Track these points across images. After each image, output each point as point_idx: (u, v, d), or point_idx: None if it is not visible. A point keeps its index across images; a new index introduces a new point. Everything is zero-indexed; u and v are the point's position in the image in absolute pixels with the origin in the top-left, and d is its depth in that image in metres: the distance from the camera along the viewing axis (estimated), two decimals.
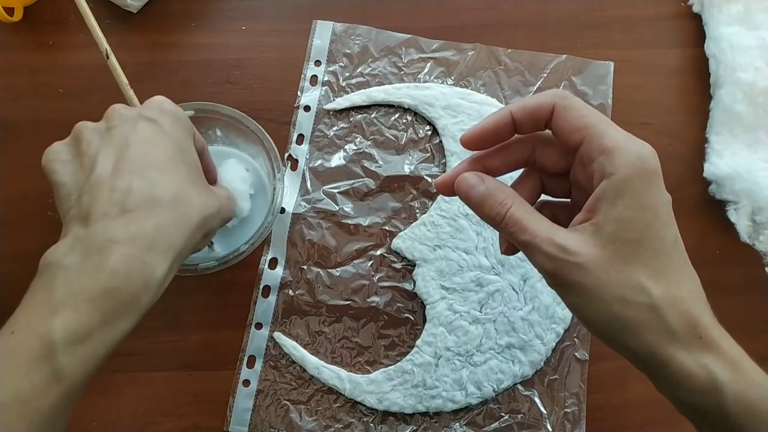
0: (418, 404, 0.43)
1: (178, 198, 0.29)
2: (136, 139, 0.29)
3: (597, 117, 0.26)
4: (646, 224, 0.25)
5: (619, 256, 0.25)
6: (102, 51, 0.36)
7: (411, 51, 0.50)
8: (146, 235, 0.27)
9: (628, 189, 0.25)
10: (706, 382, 0.24)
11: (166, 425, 0.43)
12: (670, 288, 0.25)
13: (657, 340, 0.24)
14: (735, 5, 0.48)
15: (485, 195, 0.27)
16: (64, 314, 0.25)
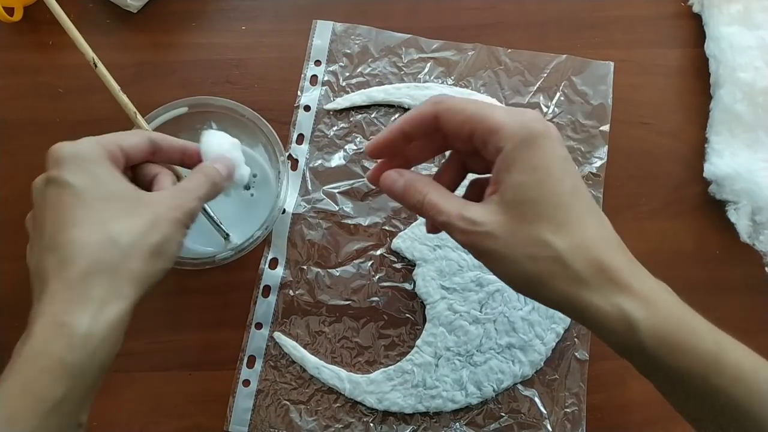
0: (418, 404, 0.43)
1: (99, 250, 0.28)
2: (47, 213, 0.29)
3: (474, 106, 0.29)
4: (539, 183, 0.26)
5: (521, 218, 0.26)
6: (89, 60, 0.37)
7: (411, 51, 0.50)
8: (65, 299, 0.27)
9: (518, 156, 0.27)
10: (622, 321, 0.25)
11: (166, 425, 0.43)
12: (573, 237, 0.26)
13: (569, 288, 0.26)
14: (735, 5, 0.48)
15: (405, 187, 0.30)
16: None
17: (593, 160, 0.48)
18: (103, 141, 0.31)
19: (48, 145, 0.48)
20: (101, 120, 0.47)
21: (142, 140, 0.33)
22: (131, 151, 0.32)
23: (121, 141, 0.32)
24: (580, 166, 0.47)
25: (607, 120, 0.48)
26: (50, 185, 0.29)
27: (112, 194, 0.29)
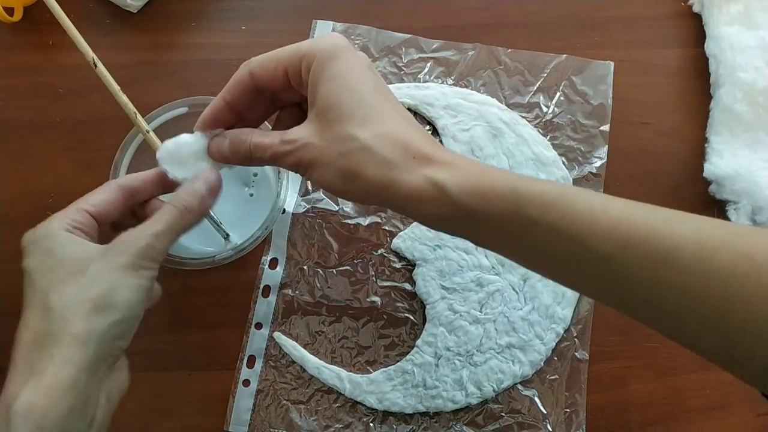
0: (418, 404, 0.43)
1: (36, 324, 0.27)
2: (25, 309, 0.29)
3: (281, 50, 0.30)
4: (341, 87, 0.28)
5: (328, 122, 0.28)
6: (89, 60, 0.37)
7: (411, 51, 0.50)
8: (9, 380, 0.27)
9: (323, 69, 0.28)
10: (433, 187, 0.27)
11: (166, 425, 0.43)
12: (377, 128, 0.28)
13: (380, 172, 0.27)
14: (735, 5, 0.48)
15: (230, 144, 0.31)
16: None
17: (593, 160, 0.48)
18: (66, 212, 0.30)
19: (48, 145, 0.48)
20: (101, 120, 0.48)
21: (108, 193, 0.32)
22: (100, 208, 0.31)
23: (84, 203, 0.31)
24: (580, 165, 0.48)
25: (607, 120, 0.48)
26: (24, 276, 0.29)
27: (59, 263, 0.28)
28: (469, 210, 0.26)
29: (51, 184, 0.47)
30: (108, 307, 0.28)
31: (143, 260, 0.29)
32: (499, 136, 0.47)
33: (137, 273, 0.29)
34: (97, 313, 0.27)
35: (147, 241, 0.29)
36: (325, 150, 0.28)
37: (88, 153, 0.47)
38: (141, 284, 0.29)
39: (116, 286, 0.28)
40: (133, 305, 0.29)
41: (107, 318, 0.27)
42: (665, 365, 0.44)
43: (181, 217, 0.31)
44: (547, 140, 0.48)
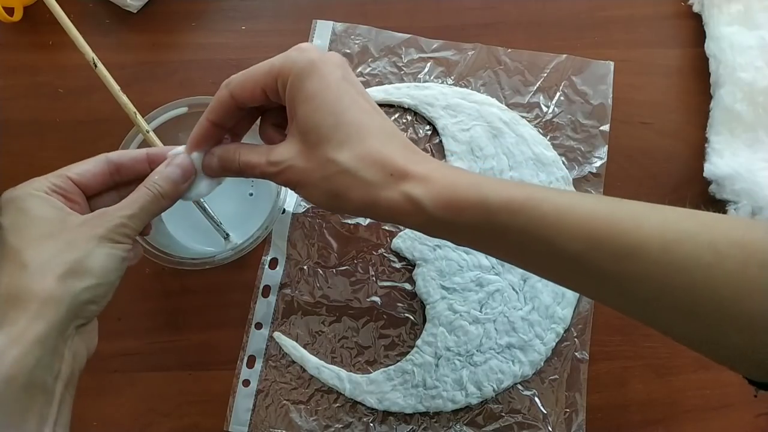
0: (418, 404, 0.43)
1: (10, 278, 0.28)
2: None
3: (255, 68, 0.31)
4: (317, 109, 0.29)
5: (309, 145, 0.29)
6: (89, 60, 0.37)
7: (411, 51, 0.50)
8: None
9: (297, 88, 0.29)
10: (410, 203, 0.28)
11: (166, 425, 0.43)
12: (355, 149, 0.28)
13: (360, 192, 0.28)
14: (735, 5, 0.48)
15: (219, 162, 0.32)
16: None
17: (593, 160, 0.48)
18: (48, 176, 0.31)
19: (48, 145, 0.48)
20: (101, 120, 0.48)
21: (95, 164, 0.32)
22: (84, 178, 0.32)
23: (69, 171, 0.31)
24: (580, 165, 0.47)
25: (607, 120, 0.48)
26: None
27: (33, 222, 0.29)
28: (443, 221, 0.28)
29: None
30: (84, 272, 0.28)
31: (117, 235, 0.30)
32: (499, 135, 0.47)
33: (111, 244, 0.29)
34: (72, 275, 0.28)
35: (121, 221, 0.30)
36: (308, 173, 0.29)
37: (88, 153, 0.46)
38: (116, 253, 0.30)
39: (92, 253, 0.29)
40: (108, 272, 0.29)
41: (82, 282, 0.28)
42: (665, 365, 0.44)
43: (155, 202, 0.31)
44: (547, 140, 0.48)
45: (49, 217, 0.29)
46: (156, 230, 0.43)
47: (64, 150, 0.47)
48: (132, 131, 0.41)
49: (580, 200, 0.27)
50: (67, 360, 0.28)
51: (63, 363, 0.28)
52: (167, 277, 0.45)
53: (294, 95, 0.29)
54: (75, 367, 0.28)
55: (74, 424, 0.43)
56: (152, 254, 0.40)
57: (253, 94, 0.31)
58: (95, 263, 0.29)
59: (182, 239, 0.45)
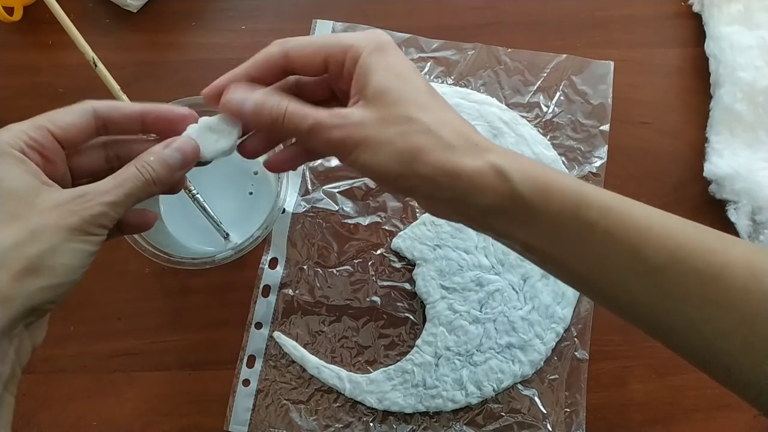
0: (418, 404, 0.43)
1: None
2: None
3: (321, 37, 0.29)
4: (398, 77, 0.27)
5: (385, 104, 0.27)
6: (89, 60, 0.37)
7: (411, 50, 0.50)
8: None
9: (374, 60, 0.27)
10: (495, 173, 0.26)
11: (166, 425, 0.43)
12: (437, 114, 0.27)
13: (442, 155, 0.26)
14: (735, 5, 0.48)
15: (260, 102, 0.28)
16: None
17: (593, 159, 0.48)
18: (26, 125, 0.27)
19: None
20: None
21: (80, 116, 0.28)
22: (66, 134, 0.27)
23: (50, 122, 0.27)
24: (580, 165, 0.47)
25: (607, 119, 0.48)
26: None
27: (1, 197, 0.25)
28: (527, 202, 0.26)
29: None
30: (44, 270, 0.24)
31: (93, 227, 0.26)
32: (499, 135, 0.47)
33: (84, 238, 0.26)
34: (30, 273, 0.24)
35: (102, 209, 0.26)
36: (382, 129, 0.27)
37: None
38: (86, 249, 0.26)
39: (58, 248, 0.25)
40: (73, 270, 0.26)
41: (41, 281, 0.24)
42: (665, 365, 0.44)
43: (144, 188, 0.27)
44: (547, 140, 0.48)
45: (19, 189, 0.25)
46: (156, 230, 0.43)
47: None
48: None
49: (668, 215, 0.27)
50: (9, 359, 0.25)
51: (4, 363, 0.25)
52: (167, 277, 0.45)
53: (369, 65, 0.27)
54: (17, 366, 0.26)
55: (74, 424, 0.43)
56: (152, 254, 0.40)
57: (311, 60, 0.29)
58: (60, 261, 0.25)
59: (182, 239, 0.45)
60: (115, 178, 0.27)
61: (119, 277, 0.45)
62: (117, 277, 0.45)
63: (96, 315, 0.45)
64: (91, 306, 0.45)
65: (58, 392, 0.43)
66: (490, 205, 0.27)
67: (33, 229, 0.25)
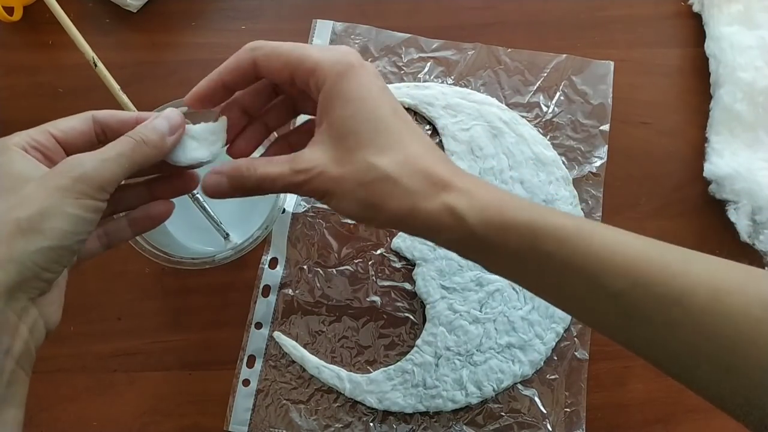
0: (418, 404, 0.43)
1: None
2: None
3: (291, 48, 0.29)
4: (358, 111, 0.27)
5: (346, 150, 0.27)
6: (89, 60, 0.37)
7: (411, 50, 0.50)
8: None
9: (336, 90, 0.27)
10: (450, 215, 0.26)
11: (166, 425, 0.43)
12: (397, 155, 0.27)
13: (400, 203, 0.27)
14: (735, 5, 0.48)
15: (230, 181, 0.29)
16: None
17: (593, 159, 0.48)
18: (30, 131, 0.28)
19: None
20: None
21: (80, 122, 0.29)
22: (67, 137, 0.28)
23: (53, 127, 0.29)
24: (579, 165, 0.47)
25: (607, 120, 0.48)
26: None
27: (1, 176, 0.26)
28: (484, 239, 0.26)
29: None
30: (34, 232, 0.24)
31: (85, 186, 0.26)
32: (498, 135, 0.47)
33: (76, 200, 0.25)
34: (20, 236, 0.24)
35: (93, 164, 0.26)
36: (343, 179, 0.27)
37: None
38: (77, 214, 0.25)
39: (48, 210, 0.25)
40: (65, 235, 0.25)
41: (32, 244, 0.24)
42: None
43: (135, 148, 0.27)
44: (546, 140, 0.48)
45: (17, 172, 0.26)
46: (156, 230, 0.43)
47: None
48: None
49: (630, 238, 0.27)
50: (22, 335, 0.25)
51: (15, 338, 0.25)
52: (167, 277, 0.45)
53: (331, 96, 0.27)
54: (31, 344, 0.26)
55: (74, 423, 0.43)
56: (152, 254, 0.40)
57: (279, 72, 0.29)
58: (50, 223, 0.25)
59: (182, 239, 0.45)
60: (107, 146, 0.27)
61: (119, 277, 0.45)
62: (117, 277, 0.45)
63: (96, 315, 0.45)
64: (91, 306, 0.45)
65: (58, 392, 0.43)
66: (450, 240, 0.28)
67: (24, 195, 0.25)
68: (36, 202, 0.25)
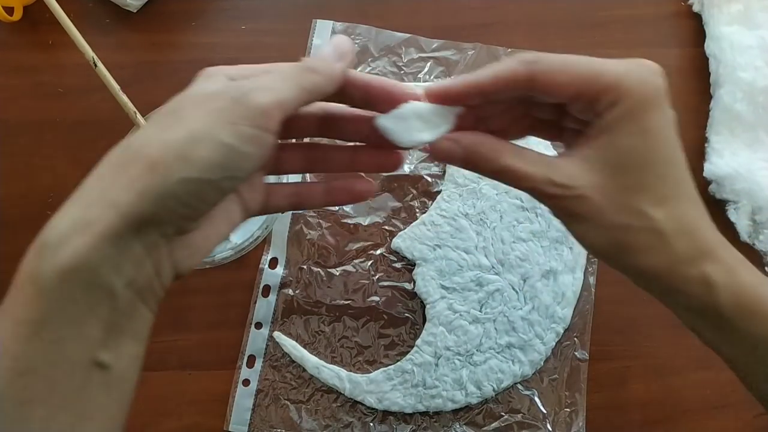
0: (417, 404, 0.43)
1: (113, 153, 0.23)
2: None
3: (579, 63, 0.26)
4: (649, 150, 0.25)
5: (621, 185, 0.25)
6: (89, 60, 0.37)
7: (411, 50, 0.50)
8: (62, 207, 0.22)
9: (632, 116, 0.24)
10: (702, 286, 0.25)
11: (166, 425, 0.43)
12: (674, 210, 0.25)
13: (660, 260, 0.25)
14: (735, 4, 0.48)
15: (466, 155, 0.26)
16: None
17: None
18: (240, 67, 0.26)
19: (48, 145, 0.48)
20: (101, 120, 0.48)
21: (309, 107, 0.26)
22: None
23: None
24: None
25: None
26: None
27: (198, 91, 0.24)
28: (728, 320, 0.25)
29: (51, 184, 0.47)
30: (178, 159, 0.21)
31: (244, 108, 0.22)
32: None
33: (231, 127, 0.22)
34: (164, 162, 0.21)
35: (253, 86, 0.23)
36: (605, 212, 0.24)
37: (88, 153, 0.47)
38: (231, 144, 0.22)
39: (198, 135, 0.21)
40: (212, 167, 0.22)
41: (174, 172, 0.21)
42: (665, 365, 0.44)
43: (302, 74, 0.24)
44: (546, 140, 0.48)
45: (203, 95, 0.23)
46: None
47: (64, 150, 0.47)
48: (132, 131, 0.41)
49: None
50: (146, 270, 0.23)
51: (139, 272, 0.22)
52: None
53: (624, 118, 0.24)
54: (156, 283, 0.23)
55: None
56: None
57: (562, 89, 0.25)
58: (198, 152, 0.21)
59: None
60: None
61: None
62: None
63: None
64: None
65: None
66: (687, 307, 0.26)
67: (181, 116, 0.22)
68: (187, 124, 0.22)
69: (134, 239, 0.22)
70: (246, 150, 0.22)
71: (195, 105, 0.23)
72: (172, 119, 0.22)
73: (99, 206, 0.21)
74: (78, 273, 0.21)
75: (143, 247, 0.22)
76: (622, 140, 0.24)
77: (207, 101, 0.23)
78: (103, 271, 0.21)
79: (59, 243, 0.21)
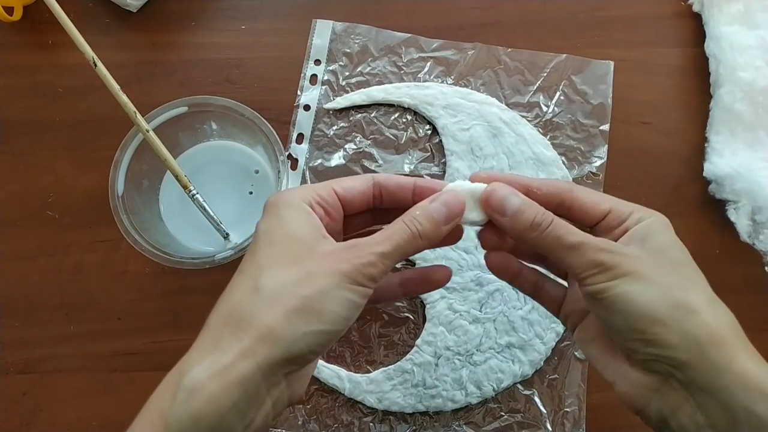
0: (417, 404, 0.43)
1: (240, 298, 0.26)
2: None
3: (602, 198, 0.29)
4: (677, 254, 0.28)
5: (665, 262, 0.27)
6: (89, 59, 0.37)
7: (411, 50, 0.50)
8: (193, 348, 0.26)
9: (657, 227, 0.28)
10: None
11: None
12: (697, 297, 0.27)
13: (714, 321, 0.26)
14: (735, 4, 0.48)
15: (525, 204, 0.28)
16: None
17: (593, 159, 0.48)
18: (316, 186, 0.29)
19: (48, 145, 0.48)
20: (101, 119, 0.48)
21: (362, 182, 0.30)
22: (348, 194, 0.29)
23: (336, 184, 0.29)
24: (579, 165, 0.47)
25: (606, 119, 0.48)
26: None
27: (287, 238, 0.27)
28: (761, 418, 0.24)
29: (51, 184, 0.47)
30: (313, 313, 0.25)
31: (363, 276, 0.26)
32: (498, 135, 0.47)
33: (353, 287, 0.26)
34: (300, 315, 0.25)
35: (372, 258, 0.26)
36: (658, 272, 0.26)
37: (88, 153, 0.47)
38: (353, 300, 0.26)
39: (329, 292, 0.25)
40: (339, 320, 0.26)
41: (308, 325, 0.25)
42: None
43: (410, 241, 0.27)
44: (546, 140, 0.48)
45: (302, 237, 0.27)
46: (156, 230, 0.43)
47: (64, 149, 0.47)
48: (132, 131, 0.41)
49: None
50: (265, 409, 0.25)
51: (259, 412, 0.25)
52: (167, 277, 0.45)
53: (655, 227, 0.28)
54: (269, 418, 0.26)
55: (74, 423, 0.43)
56: (152, 254, 0.40)
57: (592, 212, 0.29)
58: (329, 306, 0.25)
59: (182, 239, 0.45)
60: (384, 232, 0.27)
61: (119, 277, 0.45)
62: (117, 277, 0.45)
63: (96, 315, 0.45)
64: (91, 306, 0.45)
65: (58, 392, 0.43)
66: None
67: (309, 271, 0.25)
68: (319, 282, 0.25)
69: (262, 383, 0.24)
70: (360, 303, 0.26)
71: (320, 262, 0.26)
72: (300, 271, 0.26)
73: (233, 353, 0.24)
74: (207, 420, 0.23)
75: (266, 388, 0.25)
76: (659, 236, 0.28)
77: (332, 261, 0.26)
78: (229, 416, 0.24)
79: (194, 389, 0.23)
